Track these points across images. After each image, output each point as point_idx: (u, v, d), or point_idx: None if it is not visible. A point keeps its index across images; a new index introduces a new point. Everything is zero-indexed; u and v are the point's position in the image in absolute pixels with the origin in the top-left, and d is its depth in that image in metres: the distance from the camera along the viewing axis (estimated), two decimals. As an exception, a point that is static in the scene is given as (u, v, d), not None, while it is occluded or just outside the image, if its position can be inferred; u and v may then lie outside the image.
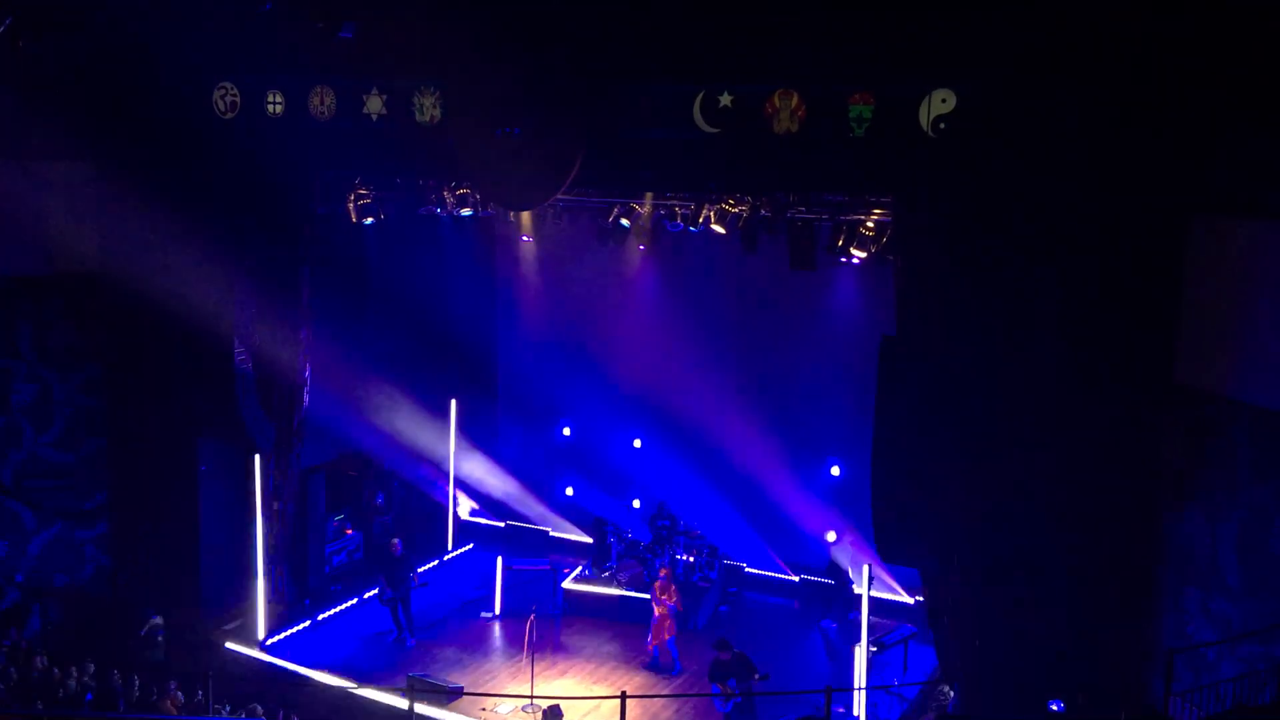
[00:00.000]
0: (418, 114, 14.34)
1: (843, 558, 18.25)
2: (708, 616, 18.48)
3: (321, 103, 14.89)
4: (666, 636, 16.65)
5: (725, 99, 12.71)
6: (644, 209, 16.92)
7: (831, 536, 18.56)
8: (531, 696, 15.16)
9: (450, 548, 20.91)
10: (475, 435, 21.22)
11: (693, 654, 16.83)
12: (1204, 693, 10.96)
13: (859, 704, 14.92)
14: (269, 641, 17.03)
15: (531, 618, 15.86)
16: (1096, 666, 12.43)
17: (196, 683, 14.54)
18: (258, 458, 16.94)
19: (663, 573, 17.07)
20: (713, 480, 19.29)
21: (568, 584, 18.78)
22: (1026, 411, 12.18)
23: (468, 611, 18.67)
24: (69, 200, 16.34)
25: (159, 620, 16.53)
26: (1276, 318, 11.23)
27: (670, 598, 16.69)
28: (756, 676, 14.51)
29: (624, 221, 17.15)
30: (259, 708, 14.35)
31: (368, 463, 20.15)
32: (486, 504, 21.90)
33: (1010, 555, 12.50)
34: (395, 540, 17.87)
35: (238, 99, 15.47)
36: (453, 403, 20.57)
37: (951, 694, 14.74)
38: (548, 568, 18.69)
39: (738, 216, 15.78)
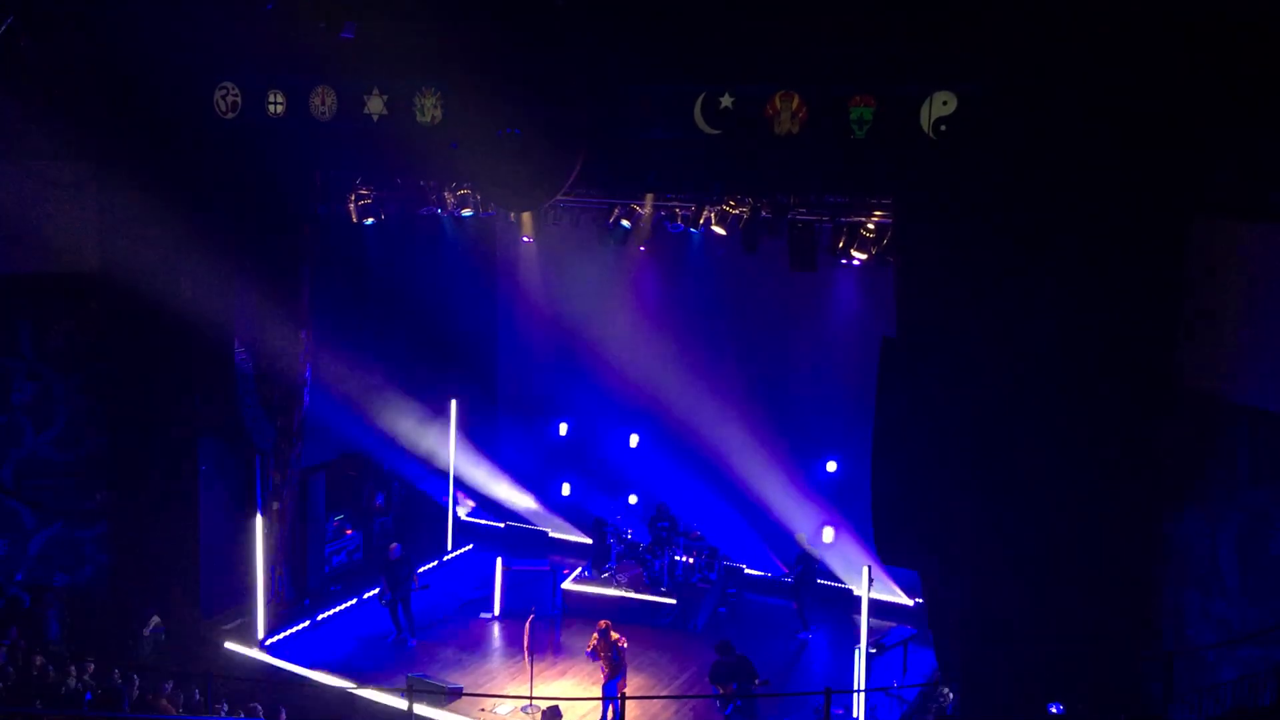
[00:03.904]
0: (418, 114, 14.34)
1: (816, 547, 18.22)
2: (707, 618, 18.47)
3: (322, 103, 14.89)
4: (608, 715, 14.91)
5: (726, 100, 12.71)
6: (645, 210, 16.91)
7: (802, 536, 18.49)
8: (531, 697, 15.16)
9: (450, 548, 20.91)
10: (475, 435, 21.23)
11: (693, 656, 16.82)
12: (1204, 695, 10.96)
13: (858, 706, 14.92)
14: (268, 641, 17.04)
15: (531, 618, 15.86)
16: (1096, 669, 12.42)
17: (195, 682, 14.55)
18: (258, 457, 16.95)
19: (601, 624, 15.17)
20: (712, 481, 19.30)
21: (567, 585, 18.77)
22: (1027, 414, 12.17)
23: (467, 612, 18.67)
24: (69, 200, 16.33)
25: (158, 619, 16.55)
26: (1277, 321, 11.23)
27: (603, 653, 14.89)
28: (757, 681, 14.48)
29: (625, 222, 17.15)
30: (258, 707, 14.33)
31: (367, 463, 20.16)
32: (486, 504, 21.91)
33: (1010, 557, 12.49)
34: (393, 544, 17.88)
35: (239, 99, 15.47)
36: (453, 403, 20.58)
37: (951, 696, 14.74)
38: (547, 568, 18.68)
39: (738, 218, 15.77)
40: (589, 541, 20.11)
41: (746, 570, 19.67)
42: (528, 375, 21.47)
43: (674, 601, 18.34)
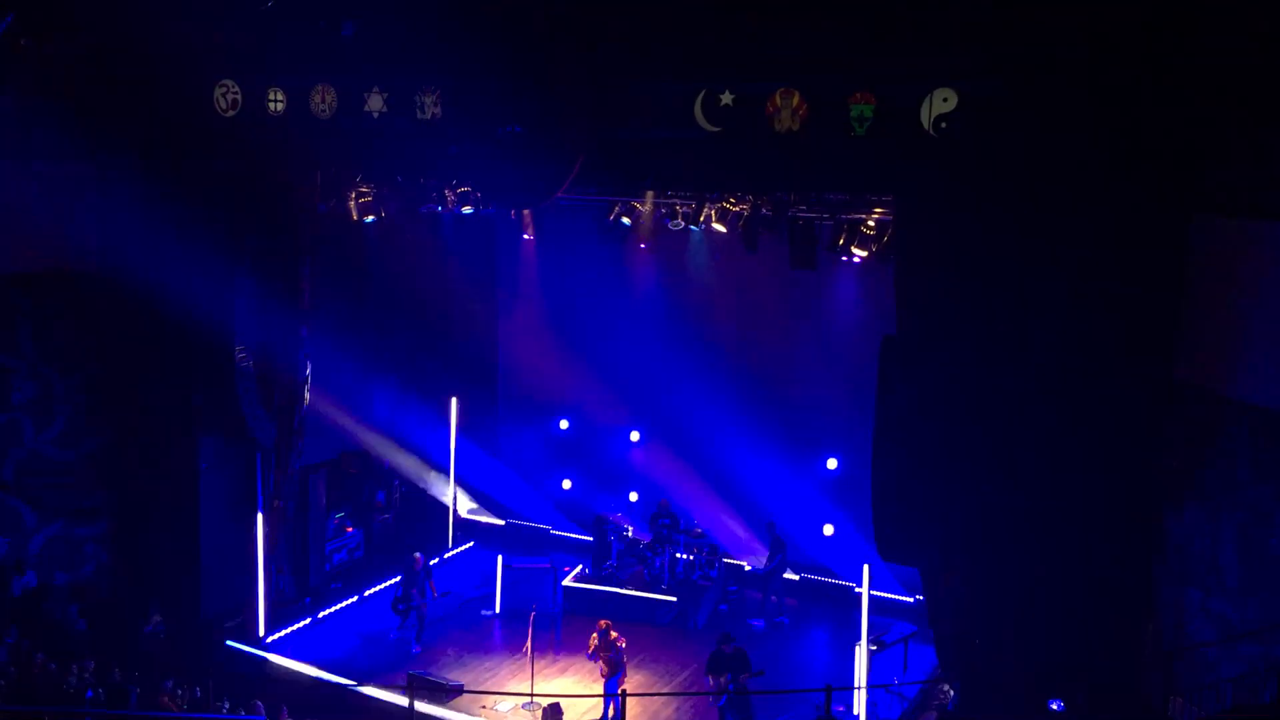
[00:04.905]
0: (419, 112, 14.32)
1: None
2: (708, 616, 18.48)
3: (323, 101, 14.87)
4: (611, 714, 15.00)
5: (726, 98, 12.71)
6: (645, 207, 16.94)
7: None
8: (532, 695, 15.18)
9: (450, 546, 20.92)
10: (475, 433, 21.25)
11: (694, 654, 16.84)
12: (1204, 692, 10.98)
13: (859, 702, 14.93)
14: (269, 639, 17.04)
15: (532, 616, 15.87)
16: (1096, 666, 12.43)
17: (197, 680, 14.57)
18: (258, 455, 16.96)
19: (601, 624, 15.30)
20: (712, 478, 19.32)
21: (568, 582, 18.78)
22: (1026, 411, 12.18)
23: (468, 610, 18.68)
24: (69, 200, 16.31)
25: (159, 617, 16.58)
26: (1276, 318, 11.23)
27: (603, 653, 15.07)
28: (750, 673, 14.48)
29: (625, 220, 17.17)
30: (260, 705, 14.34)
31: (368, 460, 20.16)
32: (487, 502, 21.92)
33: (1010, 554, 12.50)
34: (418, 554, 17.57)
35: (239, 97, 15.45)
36: (453, 401, 20.59)
37: (952, 693, 14.75)
38: (548, 566, 18.69)
39: (739, 215, 15.80)
40: (590, 539, 20.13)
41: (747, 567, 19.68)
42: (528, 373, 21.47)
43: (675, 599, 18.35)
